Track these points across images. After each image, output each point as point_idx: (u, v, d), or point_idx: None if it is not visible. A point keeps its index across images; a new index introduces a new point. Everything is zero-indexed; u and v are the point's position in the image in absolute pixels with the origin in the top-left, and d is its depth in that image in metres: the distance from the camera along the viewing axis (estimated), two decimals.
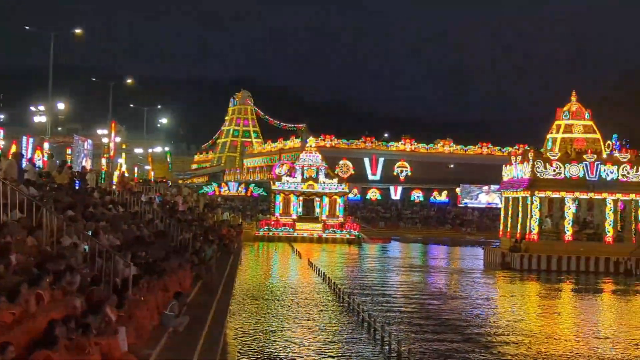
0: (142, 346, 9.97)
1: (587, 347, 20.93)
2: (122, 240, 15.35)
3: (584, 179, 44.50)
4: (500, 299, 32.79)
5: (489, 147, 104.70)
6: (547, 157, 45.39)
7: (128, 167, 59.79)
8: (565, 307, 31.04)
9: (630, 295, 35.22)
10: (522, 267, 43.72)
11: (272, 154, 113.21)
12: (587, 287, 37.50)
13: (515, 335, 22.46)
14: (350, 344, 20.40)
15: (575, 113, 46.97)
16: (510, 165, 49.57)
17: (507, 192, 49.93)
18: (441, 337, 21.65)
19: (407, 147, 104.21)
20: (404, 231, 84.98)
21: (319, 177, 69.32)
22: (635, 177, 44.64)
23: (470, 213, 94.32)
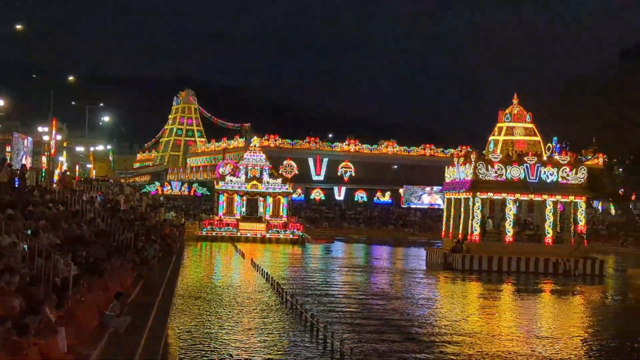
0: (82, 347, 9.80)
1: (526, 346, 21.25)
2: (63, 240, 15.10)
3: (524, 180, 45.19)
4: (442, 299, 33.10)
5: (432, 149, 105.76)
6: (489, 159, 45.98)
7: (69, 165, 58.85)
8: (505, 307, 31.47)
9: (568, 295, 35.89)
10: (464, 267, 44.22)
11: (215, 153, 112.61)
12: (527, 287, 38.08)
13: (456, 334, 22.69)
14: (292, 344, 20.37)
15: (517, 116, 47.67)
16: (453, 167, 50.08)
17: (449, 193, 50.43)
18: (384, 336, 21.76)
19: (351, 147, 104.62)
20: (348, 231, 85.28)
21: (263, 177, 69.14)
22: (575, 179, 45.49)
23: (413, 214, 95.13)
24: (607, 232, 79.29)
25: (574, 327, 25.69)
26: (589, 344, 22.26)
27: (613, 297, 36.96)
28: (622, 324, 27.55)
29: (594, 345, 22.06)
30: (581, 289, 37.98)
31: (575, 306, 32.45)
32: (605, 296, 36.83)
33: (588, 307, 31.98)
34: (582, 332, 24.72)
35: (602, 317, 28.80)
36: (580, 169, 45.91)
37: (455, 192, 48.72)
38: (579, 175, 45.63)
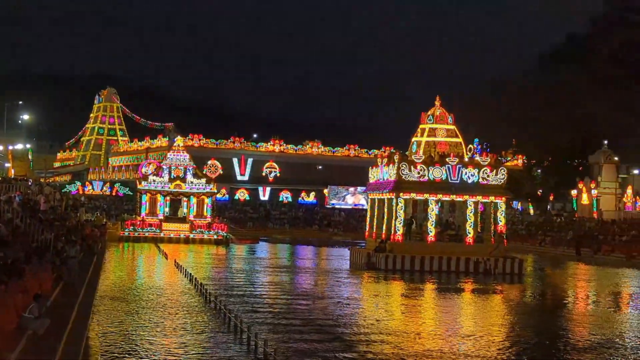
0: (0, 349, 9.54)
1: (449, 345, 21.57)
2: None
3: (446, 181, 45.90)
4: (365, 299, 33.35)
5: (356, 150, 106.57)
6: (411, 160, 46.54)
7: None
8: (428, 306, 31.89)
9: (489, 294, 36.58)
10: (387, 267, 44.65)
11: (138, 152, 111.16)
12: (448, 286, 38.66)
13: (380, 334, 22.89)
14: (216, 345, 20.23)
15: (439, 117, 48.37)
16: (377, 168, 50.55)
17: (373, 193, 50.88)
18: (308, 337, 21.80)
19: (276, 148, 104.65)
20: (272, 232, 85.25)
21: (187, 176, 68.54)
22: (495, 180, 46.41)
23: (338, 214, 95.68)
24: (526, 231, 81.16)
25: (495, 325, 26.19)
26: (509, 342, 22.73)
27: (532, 296, 37.83)
28: (541, 321, 28.22)
29: (514, 343, 22.54)
30: (501, 288, 38.76)
31: (495, 305, 33.10)
32: (524, 294, 37.67)
33: (508, 305, 32.66)
34: (503, 330, 25.24)
35: (521, 315, 29.44)
36: (500, 170, 46.86)
37: (378, 192, 49.17)
38: (499, 176, 46.56)
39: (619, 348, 22.16)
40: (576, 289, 41.99)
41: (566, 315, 29.89)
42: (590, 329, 25.97)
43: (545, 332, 25.07)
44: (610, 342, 23.05)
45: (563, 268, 54.91)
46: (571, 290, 41.01)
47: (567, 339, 23.74)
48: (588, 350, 21.75)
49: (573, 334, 24.83)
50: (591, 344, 22.63)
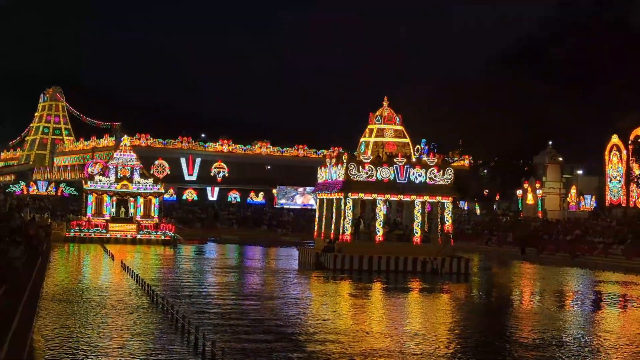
0: None
1: (397, 344, 21.70)
2: None
3: (394, 181, 46.20)
4: (313, 299, 33.37)
5: (305, 150, 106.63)
6: (360, 160, 46.74)
7: None
8: (376, 305, 32.04)
9: (435, 293, 36.89)
10: (336, 267, 44.77)
11: (84, 152, 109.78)
12: (396, 286, 38.91)
13: (328, 333, 22.92)
14: (163, 346, 20.05)
15: (387, 118, 48.66)
16: (325, 168, 50.68)
17: (321, 193, 50.99)
18: (256, 337, 21.73)
19: (224, 148, 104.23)
20: (221, 232, 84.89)
21: (134, 176, 67.84)
22: (442, 180, 46.85)
23: (287, 214, 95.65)
24: (472, 231, 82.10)
25: (442, 324, 26.44)
26: (456, 340, 22.97)
27: (478, 294, 38.27)
28: (487, 320, 28.57)
29: (460, 341, 22.78)
30: (448, 287, 39.14)
31: (442, 303, 33.39)
32: (470, 293, 38.09)
33: (455, 304, 32.99)
34: (450, 329, 25.48)
35: (468, 314, 29.77)
36: (447, 170, 47.32)
37: (327, 192, 49.28)
38: (446, 176, 47.01)
39: (562, 345, 22.54)
40: (521, 288, 42.61)
41: (512, 314, 30.30)
42: (535, 326, 26.37)
43: (491, 330, 25.39)
44: (555, 339, 23.43)
45: (509, 267, 55.68)
46: (516, 289, 41.59)
47: (513, 336, 24.06)
48: (533, 347, 22.08)
49: (518, 331, 25.17)
50: (536, 342, 22.96)
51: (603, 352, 21.65)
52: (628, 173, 71.58)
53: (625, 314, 31.78)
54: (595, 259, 58.29)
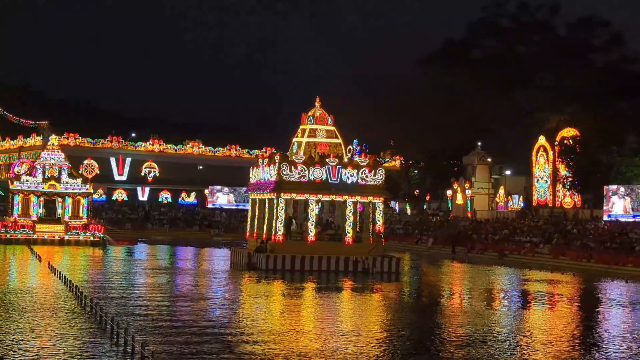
0: None
1: (329, 343, 21.72)
2: None
3: (326, 181, 46.32)
4: (245, 299, 33.19)
5: (237, 150, 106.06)
6: (292, 160, 46.74)
7: None
8: (308, 305, 32.04)
9: (367, 292, 37.10)
10: (268, 267, 44.69)
11: (10, 152, 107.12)
12: (328, 285, 39.02)
13: (260, 334, 22.82)
14: (91, 349, 19.67)
15: (319, 118, 48.78)
16: (258, 168, 50.54)
17: (254, 193, 50.84)
18: (187, 339, 21.50)
19: (155, 147, 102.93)
20: (151, 233, 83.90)
21: (62, 176, 66.51)
22: (373, 180, 47.15)
23: (219, 214, 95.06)
24: (403, 231, 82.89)
25: (373, 323, 26.59)
26: (387, 339, 23.11)
27: (409, 293, 38.62)
28: (417, 318, 28.83)
29: (391, 340, 22.93)
30: (379, 286, 39.40)
31: (374, 303, 33.59)
32: (401, 292, 38.42)
33: (386, 303, 33.21)
34: (381, 328, 25.63)
35: (398, 313, 30.01)
36: (379, 171, 47.64)
37: (259, 192, 49.15)
38: (377, 176, 47.33)
39: (490, 342, 22.89)
40: (451, 287, 43.17)
41: (442, 312, 30.66)
42: (464, 324, 26.72)
43: (421, 329, 25.64)
44: (483, 337, 23.78)
45: (438, 266, 56.39)
46: (446, 288, 42.13)
47: (443, 334, 24.34)
48: (462, 345, 22.37)
49: (448, 329, 25.47)
50: (465, 339, 23.27)
51: (530, 349, 22.06)
52: (554, 174, 73.20)
53: (551, 311, 32.46)
54: (523, 257, 59.48)
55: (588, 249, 55.51)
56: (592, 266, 52.41)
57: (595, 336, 25.07)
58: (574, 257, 55.33)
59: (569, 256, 55.93)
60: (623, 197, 58.33)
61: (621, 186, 59.86)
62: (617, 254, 52.11)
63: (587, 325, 28.02)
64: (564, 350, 22.10)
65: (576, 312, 32.20)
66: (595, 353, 21.95)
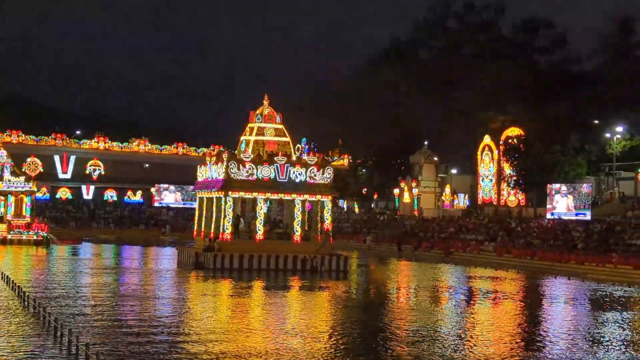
0: None
1: (277, 342, 21.68)
2: None
3: (275, 180, 46.24)
4: (192, 298, 32.96)
5: (184, 148, 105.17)
6: (240, 158, 46.55)
7: None
8: (256, 304, 31.96)
9: (315, 291, 37.15)
10: (216, 266, 44.44)
11: None
12: (277, 284, 38.96)
13: (207, 333, 22.67)
14: (35, 349, 19.31)
15: (268, 117, 48.67)
16: (205, 166, 50.23)
17: (201, 192, 50.51)
18: (133, 339, 21.25)
19: (100, 145, 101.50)
20: (97, 232, 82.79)
21: (4, 175, 65.24)
22: (322, 179, 47.23)
23: (165, 213, 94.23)
24: (351, 229, 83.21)
25: (321, 321, 26.63)
26: (335, 337, 23.16)
27: (357, 291, 38.77)
28: (366, 316, 28.96)
29: (340, 338, 22.99)
30: (327, 285, 39.48)
31: (322, 301, 33.64)
32: (349, 290, 38.54)
33: (334, 301, 33.29)
34: (329, 326, 25.68)
35: (347, 310, 30.10)
36: (327, 169, 47.74)
37: (207, 191, 48.85)
38: (325, 175, 47.42)
39: (437, 338, 23.11)
40: (398, 284, 43.47)
41: (389, 309, 30.86)
42: (411, 321, 26.94)
43: (369, 326, 25.76)
44: (430, 333, 24.00)
45: (386, 264, 56.72)
46: (393, 285, 42.40)
47: (391, 331, 24.49)
48: (410, 342, 22.54)
49: (396, 326, 25.63)
50: (412, 336, 23.46)
51: (475, 344, 22.32)
52: (499, 172, 74.20)
53: (495, 307, 32.90)
54: (468, 255, 60.18)
55: (532, 246, 56.38)
56: (535, 263, 53.25)
57: (538, 332, 25.48)
58: (518, 255, 56.16)
59: (513, 254, 56.74)
60: (566, 196, 59.34)
61: (564, 185, 60.91)
62: (560, 251, 53.04)
63: (531, 321, 28.47)
64: (508, 347, 22.41)
65: (520, 309, 32.69)
66: (539, 349, 22.31)
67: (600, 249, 50.20)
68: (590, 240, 52.39)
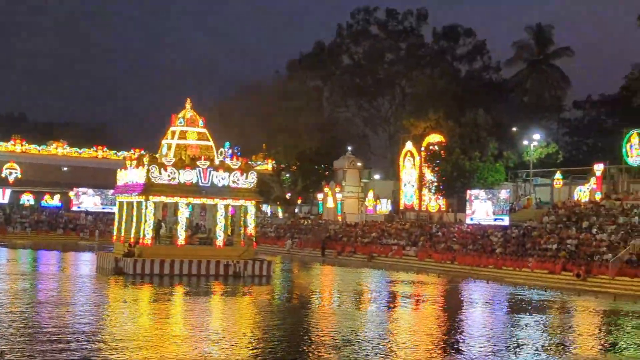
0: None
1: (198, 348, 21.46)
2: None
3: (197, 184, 45.82)
4: (111, 305, 32.37)
5: (104, 151, 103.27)
6: (162, 162, 45.98)
7: None
8: (178, 310, 31.59)
9: (238, 296, 36.96)
10: (136, 271, 43.76)
11: None
12: (198, 290, 38.59)
13: (127, 340, 22.29)
14: None
15: (190, 120, 48.21)
16: (126, 170, 49.48)
17: (121, 196, 49.71)
18: (49, 346, 20.73)
19: (17, 147, 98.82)
20: (12, 236, 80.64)
21: None
22: (245, 183, 47.02)
23: (84, 217, 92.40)
24: (275, 234, 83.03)
25: (244, 327, 26.49)
26: (258, 342, 23.07)
27: (280, 296, 38.71)
28: (289, 321, 28.93)
29: (263, 343, 22.91)
30: (250, 290, 39.31)
31: (244, 306, 33.47)
32: (272, 295, 38.46)
33: (257, 306, 33.14)
34: (252, 331, 25.56)
35: (270, 316, 30.01)
36: (251, 174, 47.55)
37: (127, 195, 48.11)
38: (249, 179, 47.23)
39: (360, 342, 23.25)
40: (321, 289, 43.59)
41: (312, 314, 30.89)
42: (335, 325, 27.03)
43: (293, 331, 25.75)
44: (353, 337, 24.12)
45: (309, 269, 56.82)
46: (317, 290, 42.50)
47: (314, 336, 24.52)
48: (334, 346, 22.61)
49: (319, 331, 25.68)
50: (336, 340, 23.53)
51: (397, 349, 22.53)
52: (421, 178, 75.08)
53: (416, 311, 33.29)
54: (391, 260, 60.73)
55: (452, 251, 57.25)
56: (455, 268, 54.08)
57: (458, 335, 25.89)
58: (439, 259, 56.94)
59: (434, 258, 57.50)
60: (485, 201, 60.40)
61: (483, 191, 62.01)
62: (479, 255, 53.98)
63: (451, 325, 28.91)
64: (429, 350, 22.70)
65: (441, 313, 33.16)
66: (459, 352, 22.66)
67: (518, 253, 51.28)
68: (508, 245, 53.47)
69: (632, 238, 45.51)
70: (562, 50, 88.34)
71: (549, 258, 48.21)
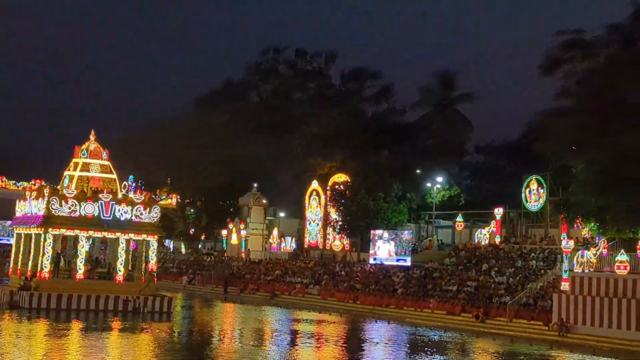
0: None
1: None
2: None
3: (98, 217, 45.04)
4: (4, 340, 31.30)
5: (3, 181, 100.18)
6: (63, 194, 45.07)
7: None
8: (73, 346, 30.78)
9: (137, 332, 36.29)
10: (32, 306, 42.55)
11: None
12: (96, 325, 37.73)
13: None
14: None
15: (94, 152, 47.50)
16: (25, 201, 48.30)
17: (19, 228, 48.42)
18: None
19: None
20: None
21: None
22: (148, 218, 46.46)
23: None
24: (177, 270, 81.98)
25: None
26: None
27: (180, 333, 38.20)
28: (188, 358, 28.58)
29: None
30: (149, 326, 38.68)
31: (143, 343, 32.90)
32: (172, 332, 37.92)
33: (155, 343, 32.63)
34: None
35: (168, 353, 29.59)
36: (154, 208, 47.05)
37: (26, 227, 46.89)
38: (152, 214, 46.71)
39: None
40: (222, 326, 43.23)
41: (213, 352, 30.60)
42: None
43: None
44: None
45: (211, 306, 56.27)
46: (218, 327, 42.13)
47: None
48: None
49: None
50: None
51: None
52: (325, 217, 75.62)
53: (318, 351, 33.38)
54: (293, 298, 60.74)
55: (355, 290, 57.71)
56: (358, 307, 54.50)
57: None
58: (341, 298, 57.26)
59: (337, 297, 57.80)
60: (388, 242, 61.23)
61: (386, 231, 62.88)
62: (381, 295, 54.57)
63: None
64: None
65: (341, 352, 33.33)
66: None
67: (419, 294, 52.08)
68: (409, 286, 54.25)
69: (529, 282, 46.86)
70: (465, 96, 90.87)
71: (449, 299, 49.14)
